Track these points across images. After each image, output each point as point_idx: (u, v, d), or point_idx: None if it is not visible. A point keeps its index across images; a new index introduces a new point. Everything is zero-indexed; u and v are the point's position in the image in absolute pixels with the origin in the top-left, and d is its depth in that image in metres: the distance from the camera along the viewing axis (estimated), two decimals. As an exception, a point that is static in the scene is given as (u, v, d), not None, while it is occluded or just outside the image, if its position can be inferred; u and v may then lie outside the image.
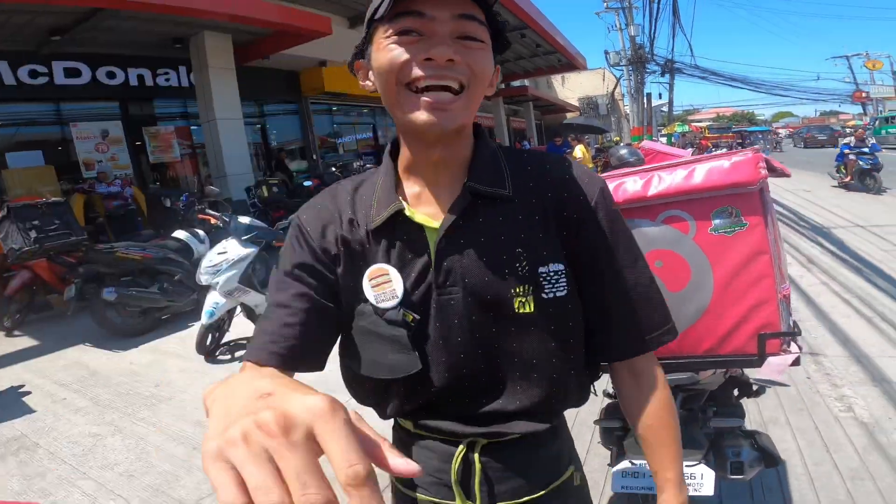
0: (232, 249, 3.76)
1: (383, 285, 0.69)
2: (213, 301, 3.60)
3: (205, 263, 3.74)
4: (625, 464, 1.31)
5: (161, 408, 3.02)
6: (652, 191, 1.11)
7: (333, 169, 7.82)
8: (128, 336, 4.29)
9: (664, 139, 20.84)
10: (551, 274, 0.68)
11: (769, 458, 1.35)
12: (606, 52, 20.87)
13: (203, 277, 3.69)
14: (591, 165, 10.11)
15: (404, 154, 0.72)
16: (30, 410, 3.15)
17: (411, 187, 0.72)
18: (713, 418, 1.39)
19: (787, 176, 1.21)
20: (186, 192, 6.92)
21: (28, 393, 3.41)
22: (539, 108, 25.37)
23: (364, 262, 0.70)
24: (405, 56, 0.61)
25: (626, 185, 1.13)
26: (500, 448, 0.76)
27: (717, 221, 1.09)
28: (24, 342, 4.44)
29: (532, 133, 22.61)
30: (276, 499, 0.27)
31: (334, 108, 12.84)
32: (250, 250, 3.81)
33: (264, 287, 4.22)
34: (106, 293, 4.12)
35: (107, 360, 3.91)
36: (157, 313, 4.51)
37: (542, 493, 0.79)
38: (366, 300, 0.69)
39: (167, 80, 8.79)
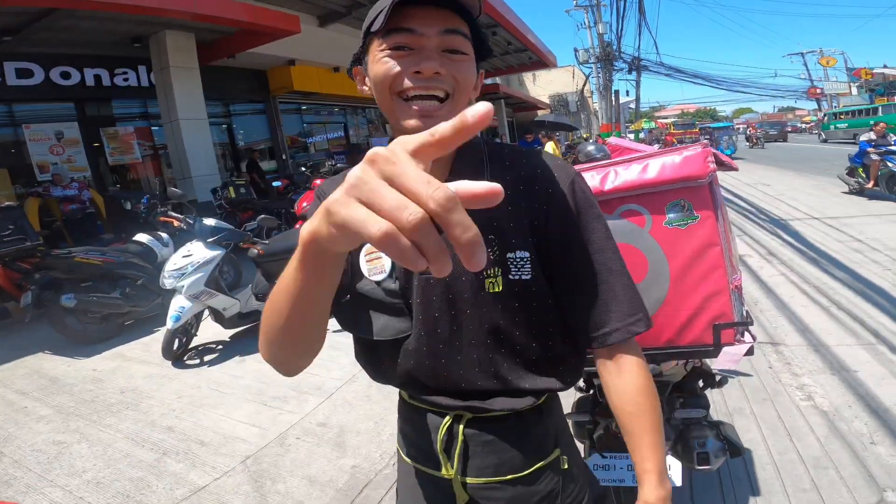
0: (197, 252, 3.66)
1: (375, 261, 0.79)
2: (179, 305, 3.51)
3: (168, 267, 3.63)
4: (595, 457, 1.33)
5: (127, 414, 2.94)
6: (609, 185, 1.14)
7: (304, 169, 7.67)
8: (90, 343, 4.14)
9: (632, 135, 21.29)
10: (518, 259, 0.75)
11: (733, 448, 1.37)
12: (576, 50, 21.27)
13: (167, 281, 3.58)
14: (561, 162, 10.23)
15: None
16: (-12, 421, 3.02)
17: None
18: (678, 409, 1.42)
19: (735, 170, 1.26)
20: (147, 195, 6.69)
21: (-14, 404, 3.26)
22: (511, 106, 25.55)
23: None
24: (397, 69, 0.69)
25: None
26: (484, 423, 0.82)
27: (671, 215, 1.13)
28: (-21, 352, 4.23)
29: (504, 130, 22.74)
30: (415, 209, 0.30)
31: (304, 108, 12.64)
32: (217, 252, 3.72)
33: (232, 290, 4.12)
34: (65, 299, 3.96)
35: (68, 367, 3.77)
36: (120, 319, 4.36)
37: (526, 472, 0.83)
38: (361, 273, 0.80)
39: (126, 80, 8.48)
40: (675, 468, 1.25)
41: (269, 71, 10.57)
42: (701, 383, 1.55)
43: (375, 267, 0.79)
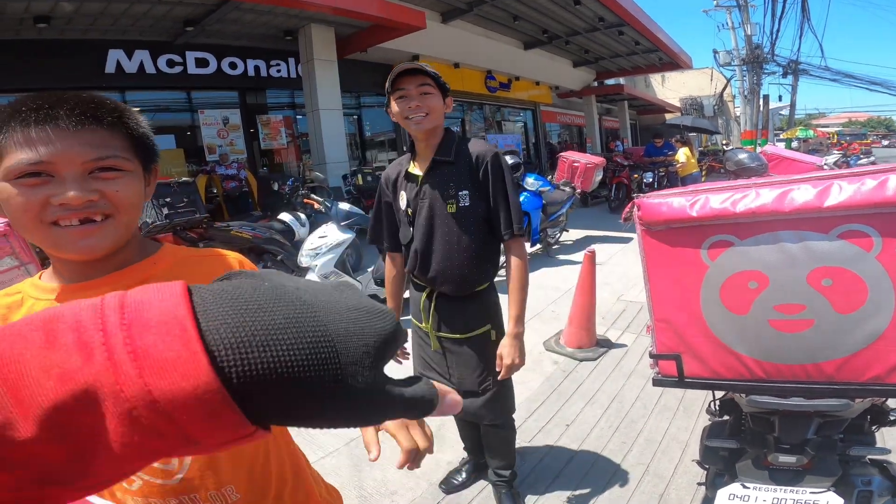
0: (331, 234, 3.99)
1: (401, 199, 1.67)
2: (312, 282, 3.85)
3: (307, 246, 4.00)
4: (735, 486, 1.24)
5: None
6: (830, 201, 1.00)
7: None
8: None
9: (782, 144, 18.93)
10: (463, 195, 1.57)
11: None
12: (715, 52, 19.34)
13: (304, 259, 3.94)
14: (696, 169, 9.57)
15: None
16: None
17: (417, 157, 1.66)
18: (854, 447, 1.29)
19: None
20: (292, 178, 7.40)
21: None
22: (635, 108, 24.11)
23: (399, 188, 1.69)
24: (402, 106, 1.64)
25: (793, 195, 1.03)
26: (444, 298, 1.65)
27: None
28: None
29: (626, 133, 21.53)
30: None
31: (425, 102, 13.03)
32: (348, 236, 4.02)
33: (356, 272, 4.43)
34: (219, 267, 4.52)
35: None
36: (259, 289, 4.86)
37: (466, 335, 1.64)
38: (399, 206, 1.69)
39: (278, 71, 9.38)
40: None
41: (394, 65, 11.01)
42: (868, 419, 1.37)
43: (402, 201, 1.65)
